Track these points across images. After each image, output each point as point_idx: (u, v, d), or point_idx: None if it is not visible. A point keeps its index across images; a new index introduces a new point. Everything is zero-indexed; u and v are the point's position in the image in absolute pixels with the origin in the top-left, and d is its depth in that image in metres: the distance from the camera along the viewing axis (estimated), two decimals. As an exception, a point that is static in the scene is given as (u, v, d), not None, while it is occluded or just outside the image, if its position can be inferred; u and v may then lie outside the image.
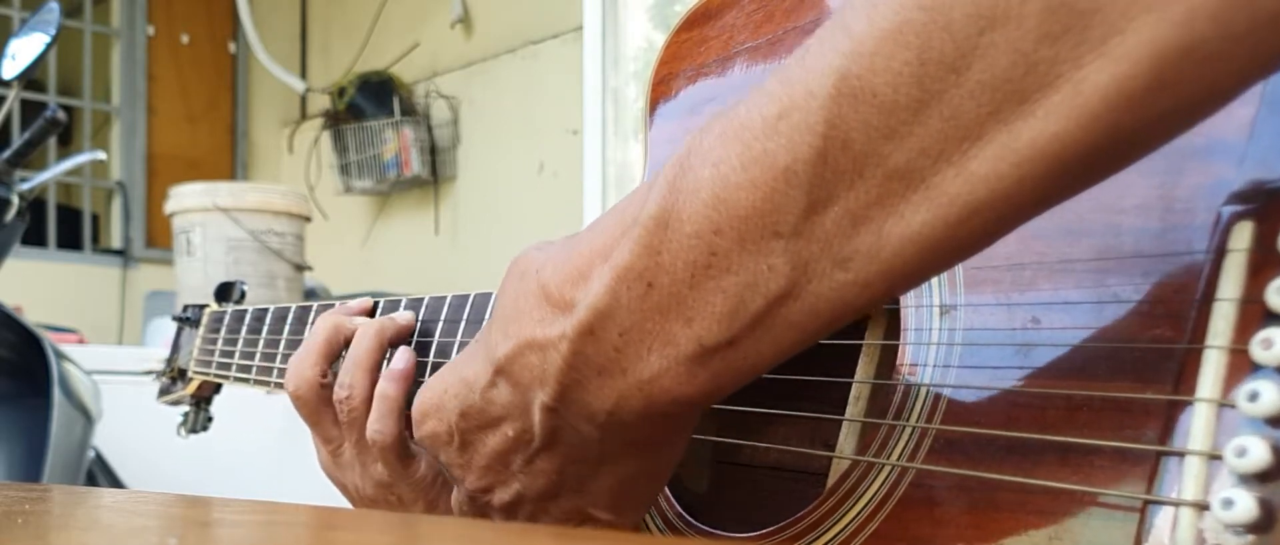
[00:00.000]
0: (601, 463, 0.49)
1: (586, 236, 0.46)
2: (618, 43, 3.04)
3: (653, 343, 0.42)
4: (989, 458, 0.44)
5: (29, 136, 1.78)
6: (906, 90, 0.35)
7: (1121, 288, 0.42)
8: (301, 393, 0.73)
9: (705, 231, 0.40)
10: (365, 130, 3.54)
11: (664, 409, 0.44)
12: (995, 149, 0.35)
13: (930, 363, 0.48)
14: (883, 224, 0.37)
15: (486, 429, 0.51)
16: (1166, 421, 0.38)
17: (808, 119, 0.37)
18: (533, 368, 0.46)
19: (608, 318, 0.43)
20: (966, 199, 0.36)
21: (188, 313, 1.10)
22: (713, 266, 0.40)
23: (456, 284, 0.77)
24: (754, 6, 0.62)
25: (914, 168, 0.36)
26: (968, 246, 0.38)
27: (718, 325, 0.41)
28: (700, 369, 0.42)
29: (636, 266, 0.42)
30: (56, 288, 3.86)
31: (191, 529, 0.43)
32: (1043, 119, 0.34)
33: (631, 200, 0.45)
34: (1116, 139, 0.34)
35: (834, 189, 0.37)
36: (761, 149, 0.38)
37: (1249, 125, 0.39)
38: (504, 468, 0.52)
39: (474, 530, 0.45)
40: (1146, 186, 0.41)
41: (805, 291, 0.39)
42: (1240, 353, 0.36)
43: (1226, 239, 0.38)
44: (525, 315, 0.47)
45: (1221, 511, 0.35)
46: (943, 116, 0.35)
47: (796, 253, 0.39)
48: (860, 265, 0.38)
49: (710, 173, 0.40)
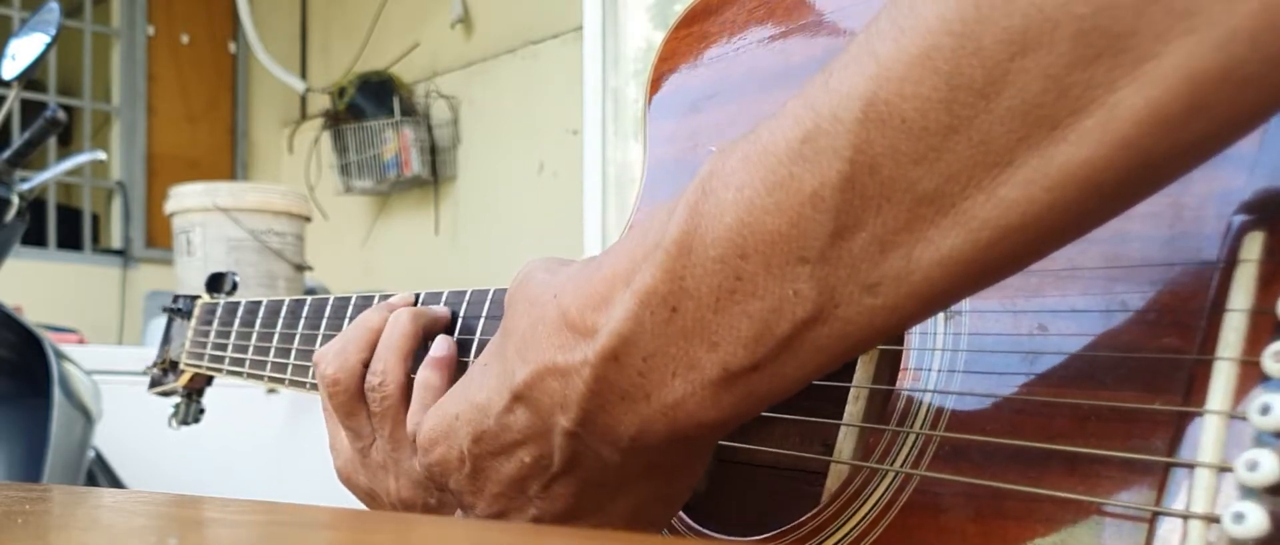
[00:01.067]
0: (620, 487, 0.49)
1: (606, 261, 0.45)
2: (618, 43, 3.03)
3: (677, 367, 0.42)
4: (995, 465, 0.43)
5: (29, 136, 1.77)
6: (935, 116, 0.35)
7: (1130, 296, 0.41)
8: (342, 381, 0.70)
9: (730, 256, 0.39)
10: (365, 130, 3.54)
11: (687, 433, 0.43)
12: (1027, 173, 0.34)
13: (935, 368, 0.48)
14: (912, 249, 0.37)
15: (501, 454, 0.50)
16: (1175, 432, 0.38)
17: (834, 143, 0.37)
18: (554, 393, 0.46)
19: (631, 343, 0.42)
20: (997, 224, 0.35)
21: (179, 304, 1.09)
22: (738, 291, 0.39)
23: (456, 284, 0.76)
24: (754, 3, 0.62)
25: (943, 193, 0.35)
26: (998, 270, 0.37)
27: (743, 350, 0.40)
28: (725, 394, 0.42)
29: (660, 291, 0.41)
30: (56, 288, 3.85)
31: (191, 529, 0.43)
32: (1075, 144, 0.33)
33: (651, 224, 0.44)
34: (1149, 163, 0.33)
35: (861, 214, 0.37)
36: (787, 173, 0.38)
37: (1259, 134, 0.39)
38: (519, 493, 0.51)
39: (474, 530, 0.45)
40: (1156, 195, 0.41)
41: (832, 316, 0.39)
42: (1251, 365, 0.36)
43: (1237, 248, 0.38)
44: (544, 341, 0.46)
45: (1232, 525, 0.34)
46: (972, 142, 0.34)
47: (823, 278, 0.38)
48: (888, 290, 0.38)
49: (733, 197, 0.39)
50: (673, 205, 0.42)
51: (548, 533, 0.45)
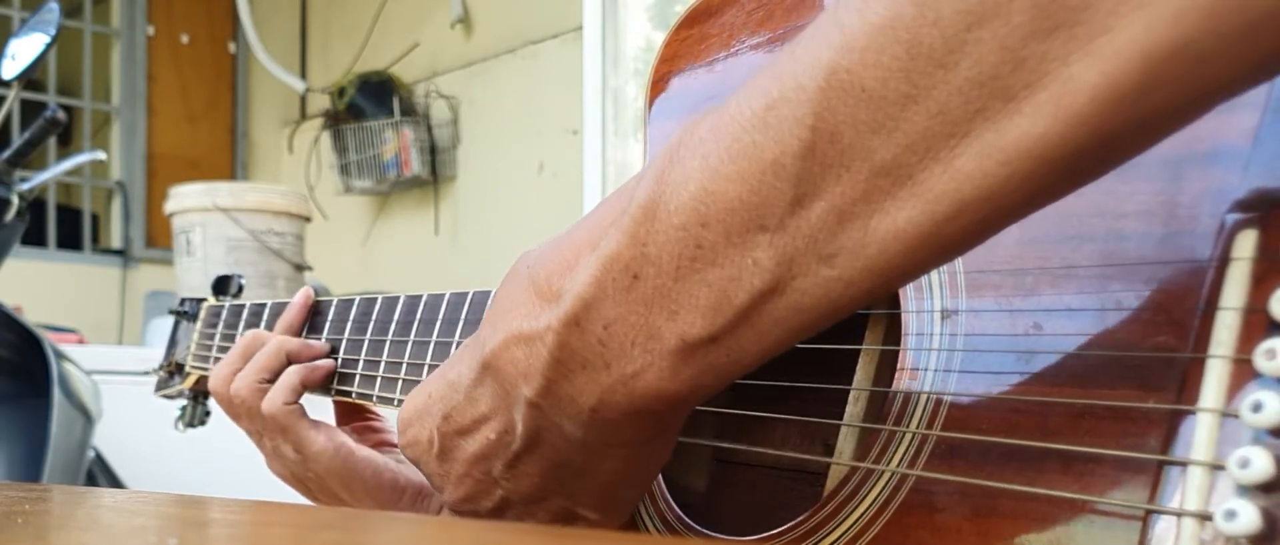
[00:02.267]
0: (584, 466, 0.49)
1: (578, 227, 0.46)
2: (618, 43, 3.03)
3: (636, 336, 0.42)
4: (990, 464, 0.43)
5: (29, 136, 1.78)
6: (895, 85, 0.35)
7: (1124, 294, 0.42)
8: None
9: (691, 224, 0.40)
10: (365, 130, 3.54)
11: (647, 406, 0.44)
12: (982, 146, 0.34)
13: (931, 368, 0.48)
14: (868, 220, 0.37)
15: (468, 432, 0.51)
16: (1169, 430, 0.38)
17: (796, 111, 0.37)
18: (519, 362, 0.46)
19: (593, 308, 0.43)
20: (953, 197, 0.35)
21: (185, 306, 1.10)
22: (698, 259, 0.40)
23: (456, 284, 0.77)
24: (754, 5, 0.62)
25: (901, 163, 0.36)
26: (954, 245, 0.37)
27: (701, 319, 0.40)
28: (683, 366, 0.42)
29: (623, 257, 0.42)
30: (56, 288, 3.85)
31: (191, 529, 0.43)
32: (1030, 117, 0.33)
33: (623, 192, 0.45)
34: (1103, 140, 0.33)
35: (820, 183, 0.37)
36: (750, 141, 0.38)
37: (1253, 132, 0.39)
38: (485, 475, 0.51)
39: (474, 530, 0.45)
40: (1149, 192, 0.41)
41: (790, 287, 0.39)
42: (1243, 362, 0.36)
43: (1230, 247, 0.38)
44: (514, 309, 0.47)
45: (1224, 522, 0.34)
46: (930, 113, 0.35)
47: (782, 248, 0.38)
48: (845, 262, 0.38)
49: (698, 164, 0.40)
50: (643, 173, 0.42)
51: (546, 533, 0.45)
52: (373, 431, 0.88)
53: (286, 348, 0.83)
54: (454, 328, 0.75)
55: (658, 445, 0.49)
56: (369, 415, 0.90)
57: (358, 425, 0.88)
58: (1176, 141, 0.40)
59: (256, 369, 0.82)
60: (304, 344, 0.85)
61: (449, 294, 0.77)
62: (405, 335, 0.79)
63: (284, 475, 0.85)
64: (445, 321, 0.76)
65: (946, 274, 0.48)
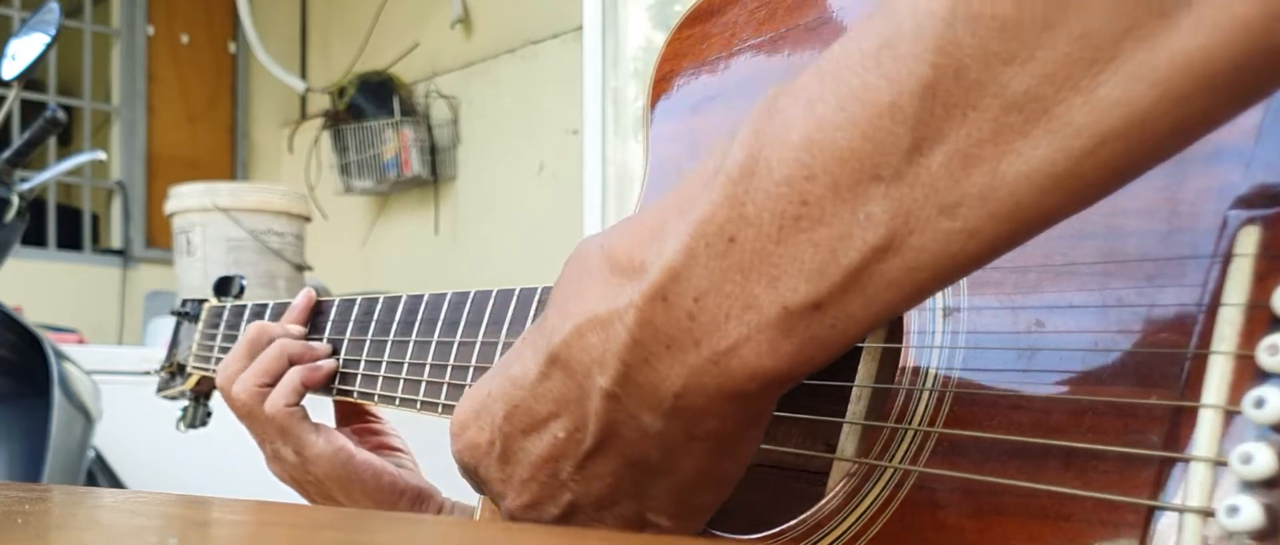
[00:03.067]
0: (663, 464, 0.44)
1: (662, 199, 0.41)
2: (618, 43, 3.03)
3: (732, 308, 0.38)
4: (992, 462, 0.43)
5: (29, 136, 1.78)
6: (1031, 9, 0.32)
7: (1126, 292, 0.42)
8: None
9: (796, 178, 0.36)
10: (365, 130, 3.54)
11: (740, 387, 0.39)
12: (1132, 68, 0.31)
13: (934, 365, 0.48)
14: (997, 163, 0.33)
15: (533, 431, 0.46)
16: (1171, 427, 0.38)
17: (915, 47, 0.34)
18: (592, 349, 0.42)
19: (682, 279, 0.38)
20: (1094, 128, 0.32)
21: (187, 307, 1.10)
22: (803, 217, 0.36)
23: (456, 284, 0.77)
24: (756, 4, 0.62)
25: (1036, 96, 0.32)
26: (1092, 186, 0.34)
27: (805, 284, 0.36)
28: (783, 338, 0.37)
29: (718, 218, 0.37)
30: (56, 288, 3.85)
31: (191, 529, 0.43)
32: (1189, 32, 0.30)
33: (713, 154, 0.40)
34: (1268, 51, 0.30)
35: (943, 125, 0.34)
36: (860, 83, 0.35)
37: (1256, 129, 0.39)
38: (552, 478, 0.46)
39: (474, 531, 0.45)
40: (1151, 190, 0.41)
41: (906, 244, 0.35)
42: (1246, 359, 0.36)
43: (1232, 243, 0.38)
44: (588, 292, 0.42)
45: (1227, 518, 0.34)
46: (1072, 36, 0.32)
47: (898, 199, 0.35)
48: (969, 211, 0.34)
49: (802, 112, 0.36)
50: (737, 129, 0.38)
51: (546, 532, 0.45)
52: (372, 433, 0.88)
53: (289, 351, 0.83)
54: (455, 328, 0.75)
55: (744, 439, 0.44)
56: (369, 417, 0.90)
57: (358, 427, 0.88)
58: (1178, 138, 0.40)
59: (258, 372, 0.82)
60: (306, 346, 0.85)
61: (450, 294, 0.77)
62: (407, 335, 0.79)
63: (283, 477, 0.85)
64: (447, 322, 0.76)
65: (948, 271, 0.48)
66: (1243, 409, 0.35)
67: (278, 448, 0.82)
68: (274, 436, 0.82)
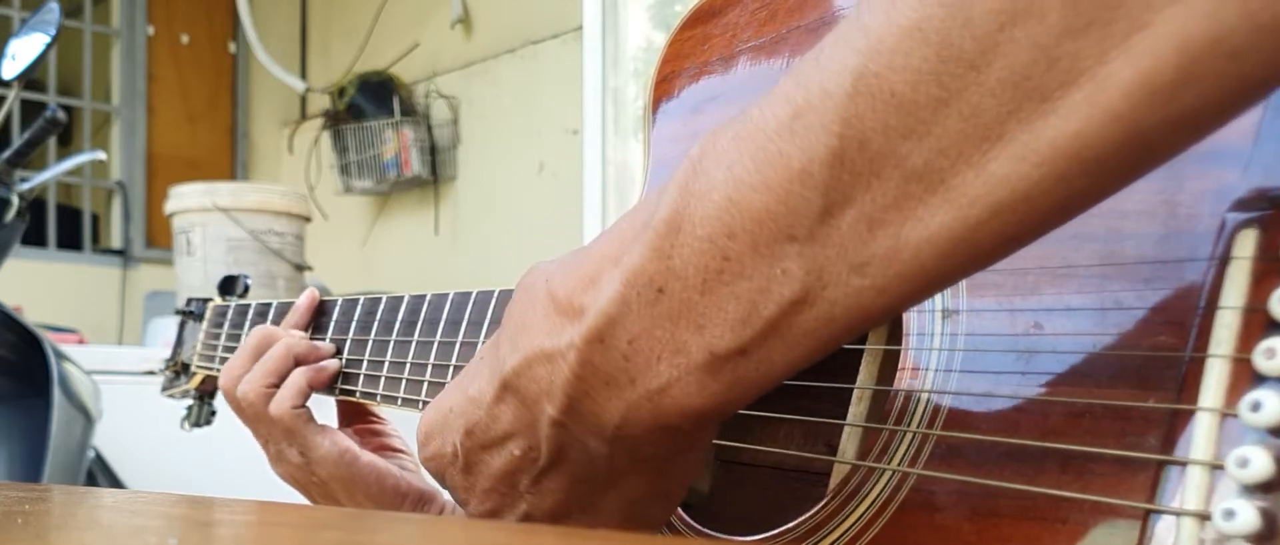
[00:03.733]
0: (610, 482, 0.48)
1: (599, 243, 0.45)
2: (617, 43, 3.03)
3: (662, 351, 0.41)
4: (990, 464, 0.44)
5: (29, 136, 1.78)
6: (926, 88, 0.34)
7: (1124, 294, 0.42)
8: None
9: (718, 235, 0.39)
10: (365, 130, 3.54)
11: (674, 422, 0.43)
12: (1016, 148, 0.33)
13: (932, 367, 0.48)
14: (901, 227, 0.36)
15: (492, 447, 0.50)
16: (1169, 430, 0.38)
17: (823, 119, 0.36)
18: (541, 380, 0.45)
19: (617, 324, 0.42)
20: (987, 201, 0.34)
21: (191, 306, 1.10)
22: (725, 271, 0.39)
23: (456, 284, 0.78)
24: (757, 5, 0.62)
25: (933, 168, 0.35)
26: (988, 251, 0.36)
27: (730, 333, 0.39)
28: (711, 379, 0.41)
29: (647, 270, 0.41)
30: (56, 288, 3.85)
31: (192, 529, 0.43)
32: (1064, 117, 0.33)
33: (644, 205, 0.44)
34: (1140, 138, 0.33)
35: (850, 191, 0.36)
36: (776, 150, 0.37)
37: (1254, 131, 0.39)
38: (510, 489, 0.50)
39: (474, 530, 0.45)
40: (1150, 191, 0.41)
41: (820, 298, 0.38)
42: (1243, 362, 0.36)
43: (1230, 246, 0.38)
44: (533, 326, 0.45)
45: (1223, 522, 0.34)
46: (962, 115, 0.34)
47: (811, 257, 0.37)
48: (877, 270, 0.37)
49: (723, 175, 0.39)
50: (665, 186, 0.41)
51: (545, 533, 0.45)
52: (375, 434, 0.88)
53: (294, 351, 0.83)
54: (457, 328, 0.75)
55: (683, 462, 0.48)
56: (371, 418, 0.90)
57: (360, 427, 0.88)
58: (1176, 141, 0.40)
59: (263, 373, 0.82)
60: (311, 346, 0.85)
61: (453, 294, 0.77)
62: (409, 335, 0.79)
63: (287, 478, 0.85)
64: (449, 322, 0.76)
65: (947, 274, 0.48)
66: (1239, 413, 0.35)
67: (282, 449, 0.82)
68: (279, 438, 0.82)
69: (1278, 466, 0.34)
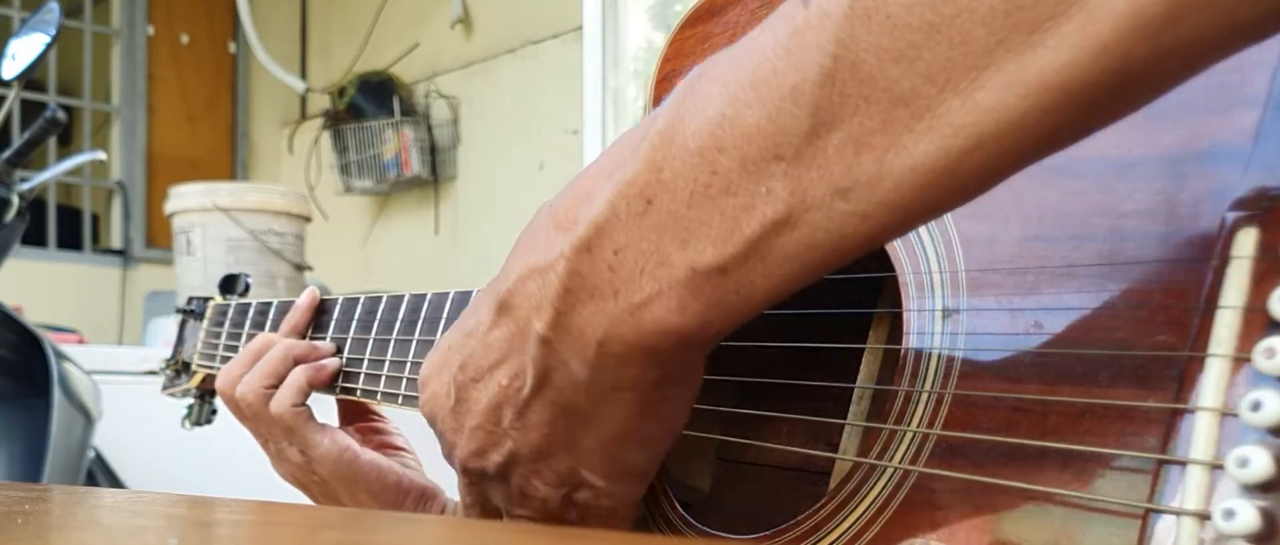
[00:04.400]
0: (592, 414, 0.48)
1: (597, 160, 0.46)
2: (618, 43, 3.04)
3: (646, 263, 0.42)
4: (991, 463, 0.44)
5: (29, 136, 1.78)
6: (919, 12, 0.35)
7: (1124, 293, 0.42)
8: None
9: (708, 149, 0.39)
10: (365, 130, 3.54)
11: (653, 341, 0.43)
12: (1003, 78, 0.34)
13: (933, 367, 0.48)
14: (885, 153, 0.36)
15: (480, 379, 0.50)
16: (1169, 429, 0.38)
17: (819, 38, 0.37)
18: (532, 295, 0.46)
19: (604, 234, 0.43)
20: (971, 130, 0.35)
21: (192, 305, 1.10)
22: (712, 185, 0.40)
23: (456, 284, 0.78)
24: (758, 3, 0.62)
25: (920, 94, 0.35)
26: (972, 182, 0.37)
27: (712, 248, 0.40)
28: (691, 297, 0.41)
29: (638, 182, 0.41)
30: (56, 288, 3.85)
31: (192, 529, 0.43)
32: (1053, 48, 0.33)
33: (643, 123, 0.45)
34: (1127, 72, 0.33)
35: (839, 112, 0.37)
36: (771, 68, 0.38)
37: (1254, 130, 0.39)
38: (495, 424, 0.51)
39: (473, 530, 0.45)
40: (1150, 191, 0.41)
41: (802, 220, 0.39)
42: (1243, 361, 0.36)
43: (1230, 245, 0.38)
44: (534, 245, 0.47)
45: (1223, 522, 0.34)
46: (952, 42, 0.34)
47: (797, 178, 0.38)
48: (860, 195, 0.37)
49: (718, 90, 0.39)
50: (663, 104, 0.42)
51: (546, 532, 0.45)
52: (376, 433, 0.88)
53: (293, 352, 0.84)
54: (456, 327, 0.75)
55: (665, 395, 0.48)
56: (372, 416, 0.90)
57: (361, 426, 0.88)
58: (1176, 139, 0.40)
59: (263, 373, 0.83)
60: (310, 346, 0.85)
61: (453, 293, 0.77)
62: (409, 334, 0.79)
63: (288, 477, 0.85)
64: (449, 320, 0.76)
65: (948, 273, 0.48)
66: (1239, 412, 0.35)
67: (282, 448, 0.82)
68: (279, 437, 0.82)
69: (1278, 466, 0.34)
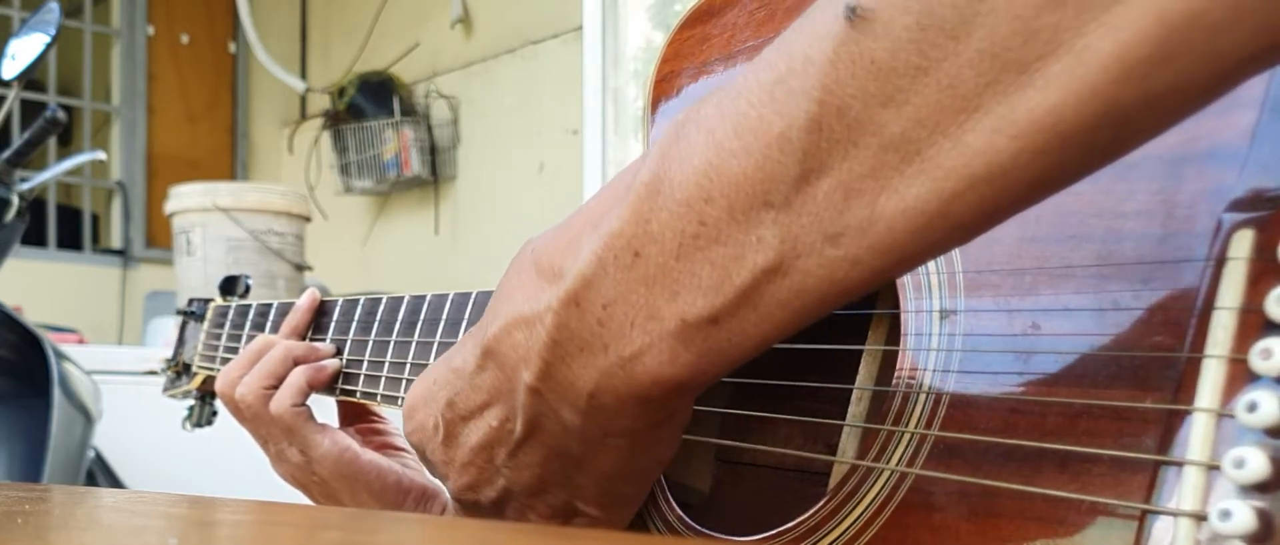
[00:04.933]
0: (585, 456, 0.48)
1: (582, 209, 0.45)
2: (617, 43, 3.04)
3: (636, 316, 0.41)
4: (988, 464, 0.44)
5: (29, 136, 1.78)
6: (905, 56, 0.34)
7: (1121, 294, 0.42)
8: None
9: (695, 199, 0.39)
10: (365, 130, 3.54)
11: (646, 391, 0.43)
12: (992, 120, 0.33)
13: (930, 368, 0.48)
14: (876, 197, 0.36)
15: (471, 418, 0.50)
16: (1166, 430, 0.38)
17: (804, 84, 0.36)
18: (519, 346, 0.45)
19: (593, 287, 0.42)
20: (962, 172, 0.34)
21: (192, 306, 1.10)
22: (701, 236, 0.39)
23: (457, 284, 0.78)
24: (756, 5, 0.62)
25: (910, 138, 0.35)
26: (964, 225, 0.36)
27: (702, 299, 0.39)
28: (682, 348, 0.41)
29: (625, 234, 0.41)
30: (56, 288, 3.85)
31: (192, 529, 0.43)
32: (1041, 90, 0.32)
33: (626, 172, 0.44)
34: (1117, 114, 0.32)
35: (827, 158, 0.36)
36: (756, 116, 0.37)
37: (1250, 131, 0.39)
38: (488, 462, 0.50)
39: (474, 530, 0.45)
40: (1147, 192, 0.41)
41: (794, 267, 0.38)
42: (1239, 362, 0.36)
43: (1226, 247, 0.38)
44: (517, 292, 0.46)
45: (1219, 522, 0.34)
46: (940, 85, 0.34)
47: (787, 225, 0.37)
48: (851, 241, 0.37)
49: (704, 140, 0.39)
50: (648, 152, 0.41)
51: (547, 533, 0.45)
52: (376, 433, 0.88)
53: (293, 353, 0.84)
54: (457, 328, 0.75)
55: (657, 437, 0.48)
56: (373, 417, 0.90)
57: (361, 427, 0.88)
58: (1174, 140, 0.40)
59: (262, 374, 0.83)
60: (310, 347, 0.85)
61: (453, 294, 0.77)
62: (409, 335, 0.79)
63: (288, 478, 0.85)
64: (449, 321, 0.76)
65: (945, 274, 0.48)
66: (1236, 413, 0.35)
67: (282, 448, 0.83)
68: (279, 437, 0.82)
69: (1274, 467, 0.34)
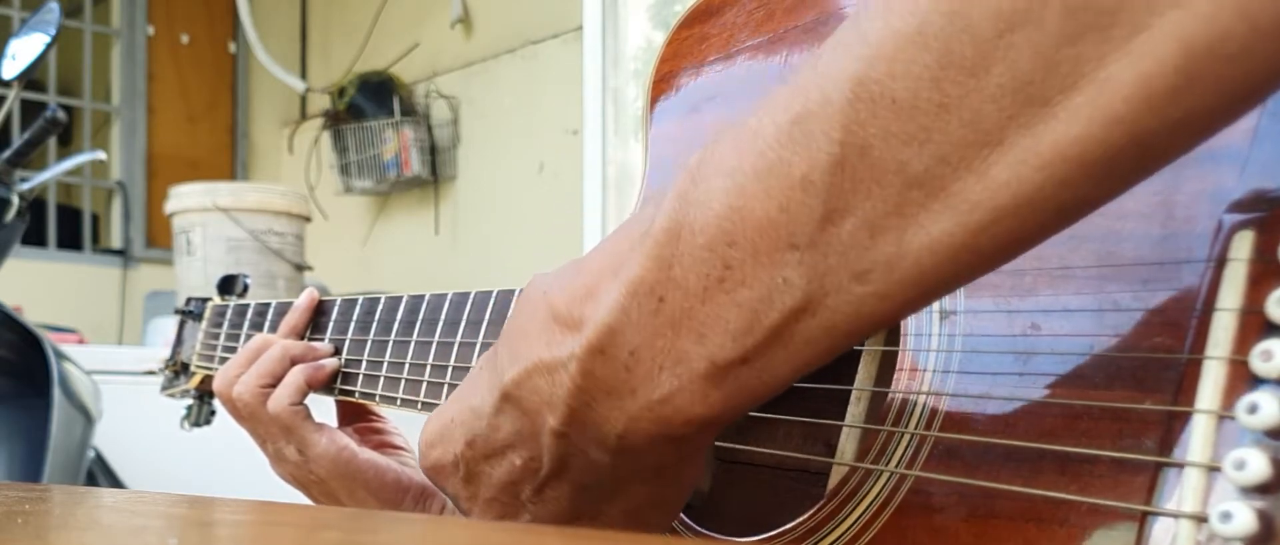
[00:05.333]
0: (613, 491, 0.47)
1: (596, 254, 0.45)
2: (618, 43, 3.03)
3: (664, 361, 0.40)
4: (988, 465, 0.44)
5: (29, 136, 1.78)
6: (926, 95, 0.34)
7: (1121, 295, 0.42)
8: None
9: (718, 243, 0.38)
10: (365, 130, 3.54)
11: (676, 431, 0.42)
12: (1017, 153, 0.34)
13: (930, 368, 0.48)
14: (902, 234, 0.36)
15: (493, 458, 0.49)
16: (1166, 432, 0.38)
17: (824, 125, 0.36)
18: (541, 392, 0.45)
19: (618, 335, 0.41)
20: (988, 206, 0.34)
21: (191, 306, 1.10)
22: (726, 280, 0.39)
23: (456, 284, 0.78)
24: (755, 5, 0.62)
25: (934, 175, 0.35)
26: (990, 256, 0.36)
27: (732, 342, 0.39)
28: (713, 389, 0.40)
29: (648, 280, 0.40)
30: (56, 288, 3.85)
31: (192, 529, 0.43)
32: (1066, 121, 0.33)
33: (639, 217, 0.43)
34: (1140, 141, 0.33)
35: (851, 198, 0.36)
36: (776, 157, 0.37)
37: (1251, 132, 0.39)
38: (513, 499, 0.50)
39: (475, 530, 0.45)
40: (1147, 193, 0.41)
41: (822, 306, 0.38)
42: (1240, 364, 0.36)
43: (1227, 248, 0.38)
44: (533, 338, 0.45)
45: (1220, 524, 0.34)
46: (963, 121, 0.34)
47: (813, 265, 0.37)
48: (879, 277, 0.37)
49: (723, 183, 0.38)
50: (662, 195, 0.41)
51: (548, 533, 0.45)
52: (375, 433, 0.88)
53: (291, 352, 0.84)
54: (456, 328, 0.75)
55: (685, 472, 0.48)
56: (371, 416, 0.90)
57: (360, 426, 0.88)
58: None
59: (260, 373, 0.83)
60: (308, 346, 0.85)
61: (452, 294, 0.77)
62: (408, 335, 0.79)
63: (287, 477, 0.85)
64: (448, 322, 0.76)
65: (945, 275, 0.48)
66: (1236, 415, 0.35)
67: (280, 448, 0.82)
68: (277, 436, 0.82)
69: (1274, 468, 0.34)
